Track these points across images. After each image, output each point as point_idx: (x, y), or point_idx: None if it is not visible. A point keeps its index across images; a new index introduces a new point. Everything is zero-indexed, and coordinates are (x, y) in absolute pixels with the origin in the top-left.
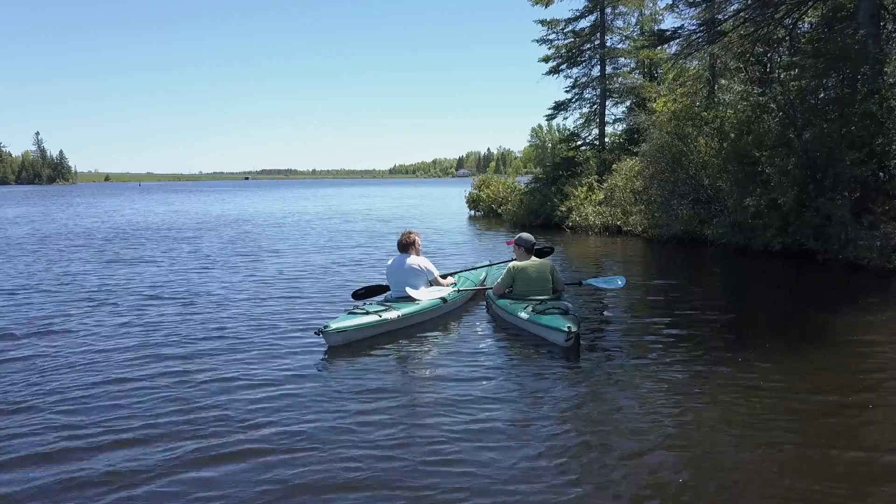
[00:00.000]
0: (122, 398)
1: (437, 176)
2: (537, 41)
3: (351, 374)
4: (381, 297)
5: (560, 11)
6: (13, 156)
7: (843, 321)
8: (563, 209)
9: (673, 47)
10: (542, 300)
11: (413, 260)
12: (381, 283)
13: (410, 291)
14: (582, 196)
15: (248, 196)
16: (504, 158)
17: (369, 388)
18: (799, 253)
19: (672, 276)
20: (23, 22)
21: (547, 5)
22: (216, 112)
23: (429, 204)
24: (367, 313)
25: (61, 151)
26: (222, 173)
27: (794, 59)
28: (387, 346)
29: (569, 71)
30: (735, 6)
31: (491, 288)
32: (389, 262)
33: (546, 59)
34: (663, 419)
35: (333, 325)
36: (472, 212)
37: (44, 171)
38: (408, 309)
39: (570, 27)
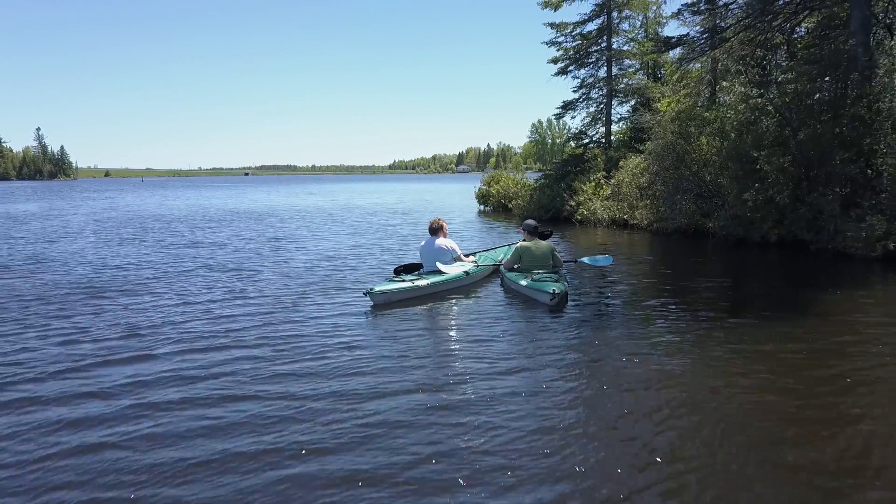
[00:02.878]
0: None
1: (436, 172)
2: (546, 43)
3: (387, 329)
4: (415, 273)
5: (568, 15)
6: (14, 151)
7: (829, 303)
8: (573, 204)
9: (677, 51)
10: (541, 273)
11: (441, 241)
12: (414, 262)
13: (440, 266)
14: (590, 191)
15: (257, 192)
16: (504, 154)
17: (402, 337)
18: (793, 243)
19: (675, 265)
20: (21, 17)
21: (556, 9)
22: (214, 108)
23: (435, 199)
24: (404, 280)
25: (62, 147)
26: (221, 169)
27: (790, 63)
28: (419, 308)
29: (576, 72)
30: (735, 10)
31: (503, 260)
32: (422, 243)
33: (555, 61)
34: (656, 374)
35: (377, 289)
36: (482, 207)
37: (45, 166)
38: (436, 279)
39: (578, 30)
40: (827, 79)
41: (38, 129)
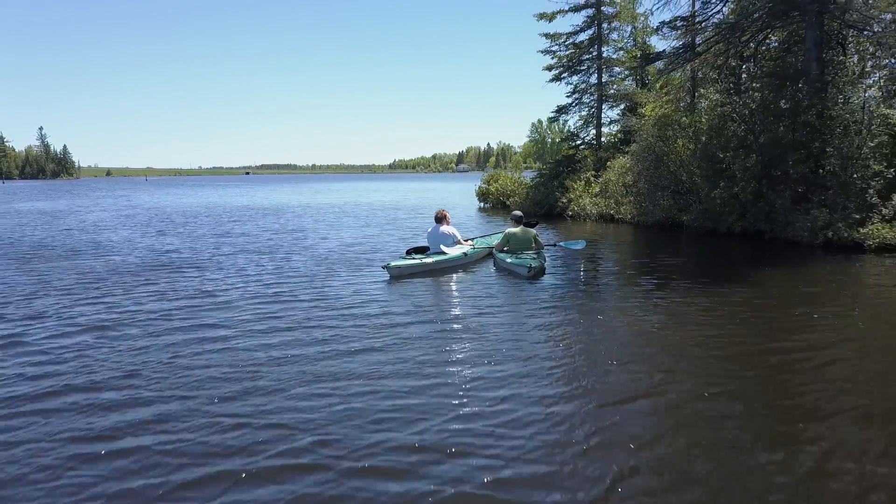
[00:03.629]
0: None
1: (436, 171)
2: (542, 52)
3: (402, 293)
4: (424, 253)
5: (562, 26)
6: (16, 151)
7: (773, 281)
8: (564, 200)
9: (659, 63)
10: (525, 253)
11: (445, 228)
12: (422, 245)
13: (443, 248)
14: (580, 189)
15: (265, 190)
16: (504, 153)
17: (411, 303)
18: (753, 234)
19: (651, 252)
20: (21, 16)
21: (550, 20)
22: (214, 107)
23: (437, 197)
24: (414, 258)
25: (65, 146)
26: (221, 168)
27: (756, 75)
28: (426, 280)
29: (569, 78)
30: (708, 27)
31: (483, 248)
32: (429, 229)
33: (549, 68)
34: (624, 337)
35: (393, 264)
36: (482, 204)
37: (48, 165)
38: (440, 258)
39: (571, 40)
40: (785, 90)
41: (41, 128)
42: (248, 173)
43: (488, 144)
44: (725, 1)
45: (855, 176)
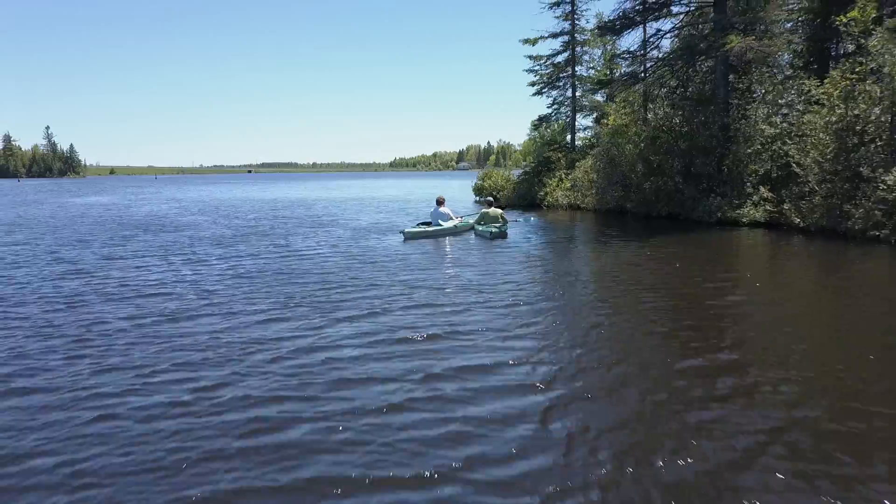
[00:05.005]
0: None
1: (437, 169)
2: (526, 70)
3: (413, 249)
4: (430, 227)
5: (543, 49)
6: (23, 149)
7: (686, 246)
8: (542, 193)
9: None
10: (492, 224)
11: (442, 208)
12: (426, 220)
13: (441, 222)
14: (555, 185)
15: (280, 188)
16: (504, 152)
17: (418, 254)
18: (673, 216)
19: (605, 229)
20: (21, 16)
21: (533, 44)
22: (215, 106)
23: (440, 192)
24: (421, 228)
25: (71, 145)
26: (223, 166)
27: (680, 96)
28: (429, 242)
29: (549, 92)
30: (650, 59)
31: (469, 222)
32: (432, 210)
33: (533, 84)
34: (562, 299)
35: (407, 230)
36: (478, 197)
37: (55, 164)
38: (439, 228)
39: (550, 61)
40: (700, 109)
41: (48, 127)
42: (250, 171)
43: (488, 142)
44: (664, 36)
45: (739, 173)
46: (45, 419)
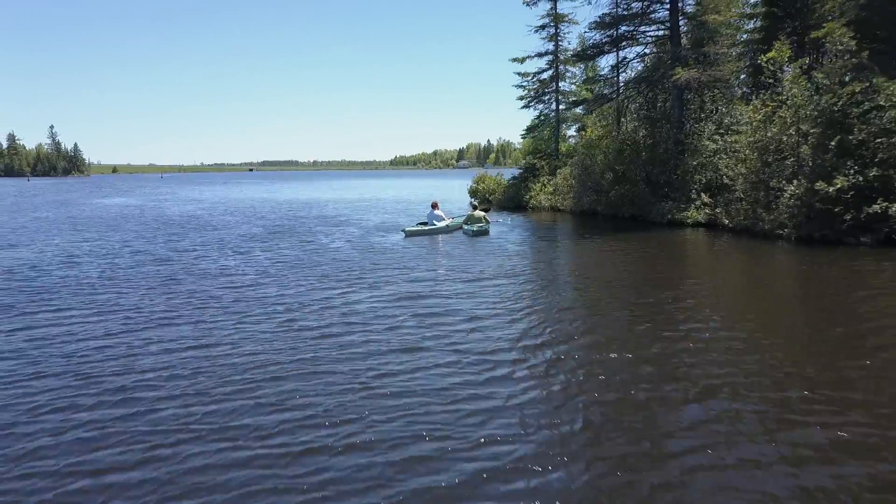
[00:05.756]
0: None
1: (437, 167)
2: (515, 86)
3: (413, 244)
4: (426, 226)
5: (530, 66)
6: (27, 148)
7: (640, 241)
8: (528, 197)
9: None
10: (476, 224)
11: (436, 211)
12: (423, 220)
13: (435, 222)
14: (538, 189)
15: (290, 188)
16: (504, 150)
17: (416, 248)
18: (635, 218)
19: (579, 228)
20: (24, 15)
21: (521, 63)
22: (215, 104)
23: (440, 194)
24: (418, 227)
25: (76, 144)
26: (223, 164)
27: (643, 114)
28: (425, 238)
29: (536, 106)
30: (622, 81)
31: (459, 222)
32: (427, 212)
33: (521, 98)
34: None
35: (408, 229)
36: (472, 199)
37: (59, 163)
38: (433, 227)
39: (537, 77)
40: (658, 126)
41: (52, 126)
42: (251, 170)
43: (488, 141)
44: (630, 62)
45: (686, 181)
46: (208, 354)
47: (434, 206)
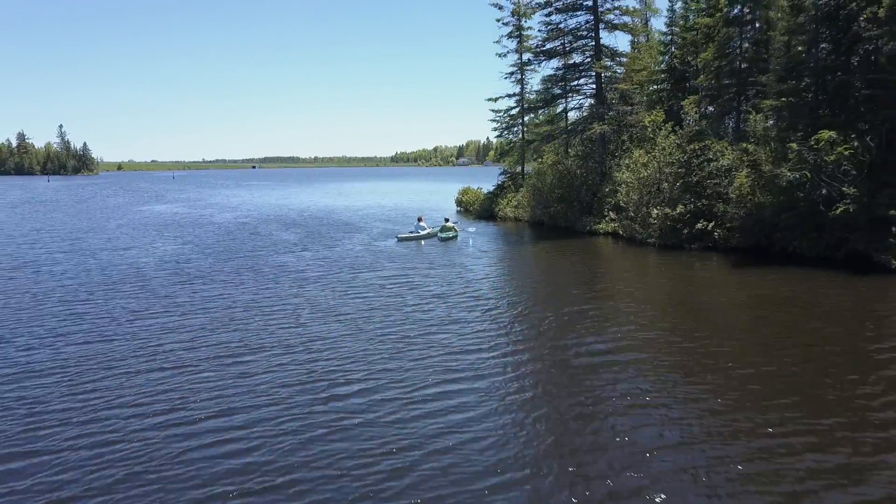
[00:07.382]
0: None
1: (437, 164)
2: (489, 120)
3: (402, 247)
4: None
5: (502, 104)
6: (36, 147)
7: (567, 245)
8: (498, 209)
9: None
10: (446, 231)
11: (421, 223)
12: (412, 230)
13: (420, 231)
14: (505, 203)
15: (301, 192)
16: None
17: (405, 249)
18: (569, 228)
19: (530, 236)
20: (24, 15)
21: (496, 101)
22: (217, 100)
23: (436, 199)
24: (408, 234)
25: (85, 143)
26: (225, 161)
27: (579, 148)
28: (412, 243)
29: (507, 135)
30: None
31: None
32: (414, 223)
33: (494, 129)
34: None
35: (400, 236)
36: (458, 208)
37: (69, 162)
38: (418, 234)
39: (508, 113)
40: (592, 157)
41: (61, 126)
42: (254, 167)
43: (488, 138)
44: (570, 111)
45: (602, 201)
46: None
47: (419, 219)
